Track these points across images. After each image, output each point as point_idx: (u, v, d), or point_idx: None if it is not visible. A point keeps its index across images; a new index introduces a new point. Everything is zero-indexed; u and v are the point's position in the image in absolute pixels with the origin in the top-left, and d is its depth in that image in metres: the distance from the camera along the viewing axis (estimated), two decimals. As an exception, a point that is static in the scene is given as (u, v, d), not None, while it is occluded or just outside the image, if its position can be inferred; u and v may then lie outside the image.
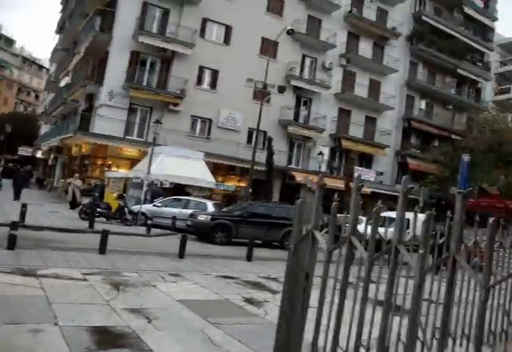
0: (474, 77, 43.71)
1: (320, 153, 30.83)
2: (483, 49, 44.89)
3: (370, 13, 37.13)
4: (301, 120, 33.96)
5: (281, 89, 30.62)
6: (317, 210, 2.11)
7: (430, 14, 40.62)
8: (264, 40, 31.63)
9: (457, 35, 41.57)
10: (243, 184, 30.10)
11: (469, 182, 25.71)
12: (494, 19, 46.70)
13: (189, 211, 18.60)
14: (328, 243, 2.02)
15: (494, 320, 4.85)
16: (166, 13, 29.36)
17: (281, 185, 32.03)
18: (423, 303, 3.93)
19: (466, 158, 25.08)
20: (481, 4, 45.43)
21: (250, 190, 25.90)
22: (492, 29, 46.64)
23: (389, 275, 1.87)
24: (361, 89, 36.53)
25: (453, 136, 38.27)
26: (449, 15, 42.60)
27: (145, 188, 20.13)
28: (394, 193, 26.17)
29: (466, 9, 43.28)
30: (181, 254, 11.87)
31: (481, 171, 33.95)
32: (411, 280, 2.36)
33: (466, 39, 42.40)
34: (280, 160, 31.10)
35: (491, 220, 1.82)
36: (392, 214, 4.62)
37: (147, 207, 19.48)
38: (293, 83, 32.73)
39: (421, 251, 1.76)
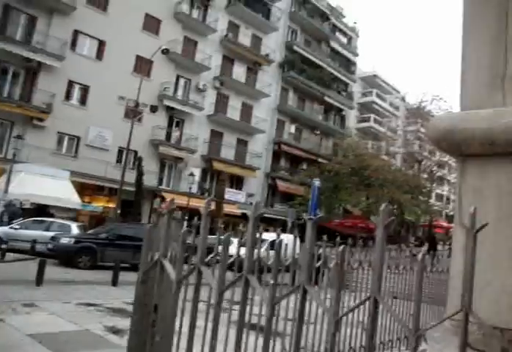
0: (339, 105, 47.12)
1: (191, 174, 30.63)
2: (347, 80, 48.87)
3: (245, 39, 38.32)
4: (173, 141, 33.61)
5: (153, 109, 30.22)
6: (167, 236, 1.94)
7: (300, 44, 43.17)
8: (138, 58, 31.07)
9: (324, 66, 44.72)
10: (111, 205, 28.86)
11: (319, 207, 25.68)
12: (356, 54, 51.68)
13: (51, 234, 17.39)
14: (177, 272, 1.85)
15: (354, 336, 5.00)
16: (32, 20, 27.49)
17: (151, 206, 31.28)
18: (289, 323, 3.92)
19: (316, 182, 25.14)
20: (345, 40, 49.59)
21: (118, 211, 24.97)
22: (354, 63, 51.32)
23: (240, 305, 1.74)
24: (233, 112, 37.27)
25: (320, 160, 40.65)
26: (317, 47, 45.73)
27: (1, 208, 18.48)
28: (264, 215, 26.67)
29: (332, 43, 47.13)
30: (38, 281, 10.96)
31: (345, 193, 36.28)
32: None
33: (332, 70, 45.83)
34: (151, 180, 30.44)
35: (340, 248, 1.78)
36: (264, 235, 4.78)
37: (2, 230, 17.90)
38: (166, 103, 32.41)
39: (271, 281, 1.66)
